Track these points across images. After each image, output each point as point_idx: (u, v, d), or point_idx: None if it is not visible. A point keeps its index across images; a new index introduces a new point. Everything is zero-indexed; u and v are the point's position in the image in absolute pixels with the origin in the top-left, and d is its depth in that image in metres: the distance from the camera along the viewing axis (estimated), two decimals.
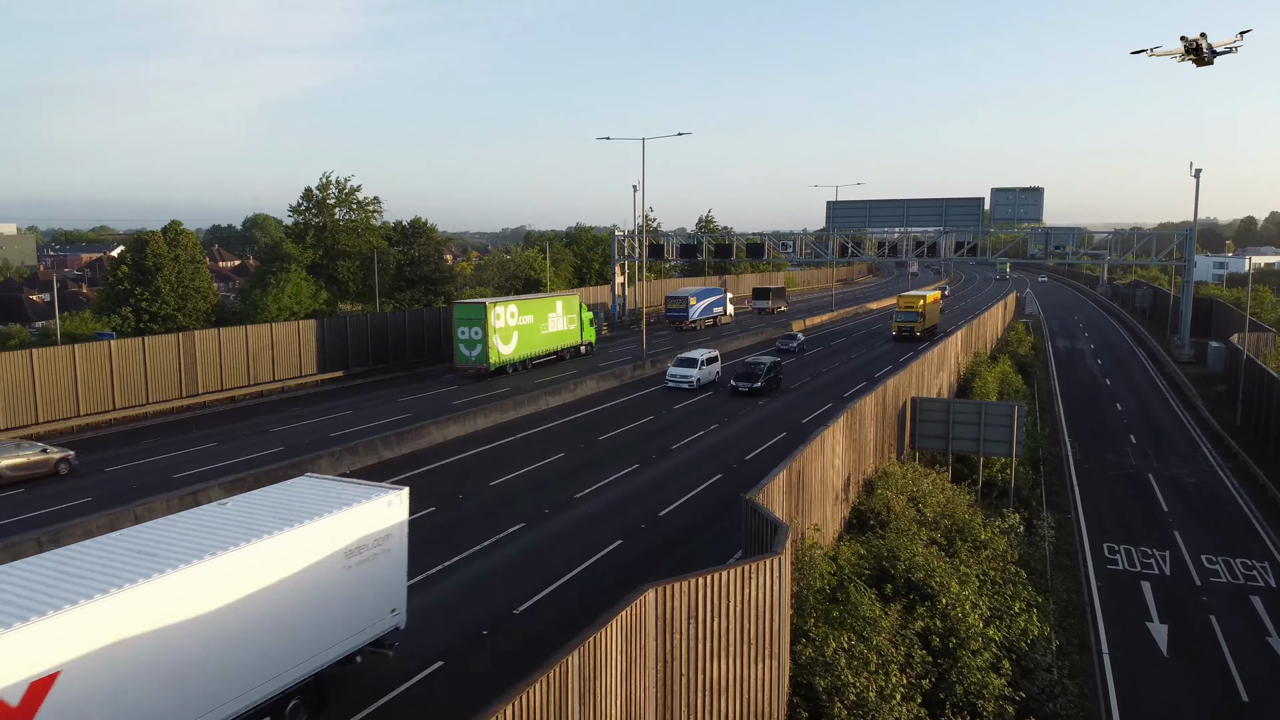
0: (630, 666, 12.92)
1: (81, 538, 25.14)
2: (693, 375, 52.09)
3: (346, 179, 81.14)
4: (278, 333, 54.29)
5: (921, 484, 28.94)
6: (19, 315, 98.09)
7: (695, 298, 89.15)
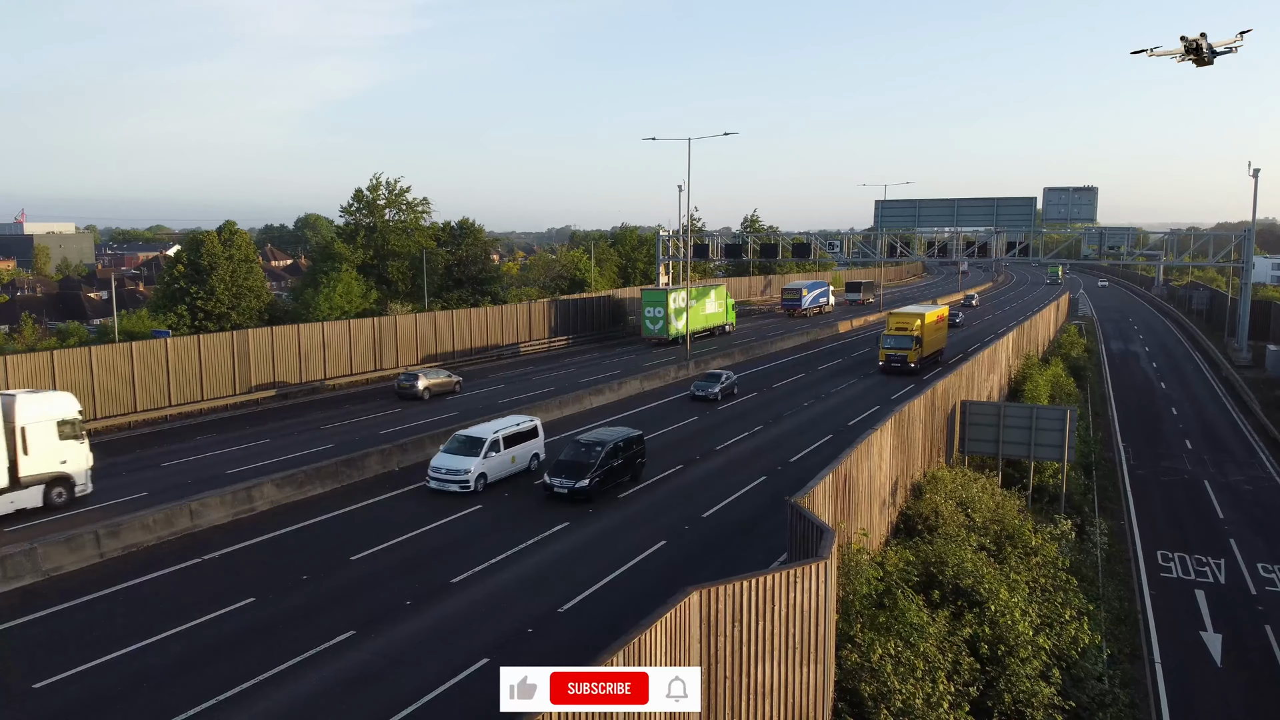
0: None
1: (139, 531, 26.03)
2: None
3: (396, 180, 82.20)
4: (329, 331, 55.16)
5: (971, 489, 28.63)
6: (78, 313, 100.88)
7: (806, 289, 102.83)
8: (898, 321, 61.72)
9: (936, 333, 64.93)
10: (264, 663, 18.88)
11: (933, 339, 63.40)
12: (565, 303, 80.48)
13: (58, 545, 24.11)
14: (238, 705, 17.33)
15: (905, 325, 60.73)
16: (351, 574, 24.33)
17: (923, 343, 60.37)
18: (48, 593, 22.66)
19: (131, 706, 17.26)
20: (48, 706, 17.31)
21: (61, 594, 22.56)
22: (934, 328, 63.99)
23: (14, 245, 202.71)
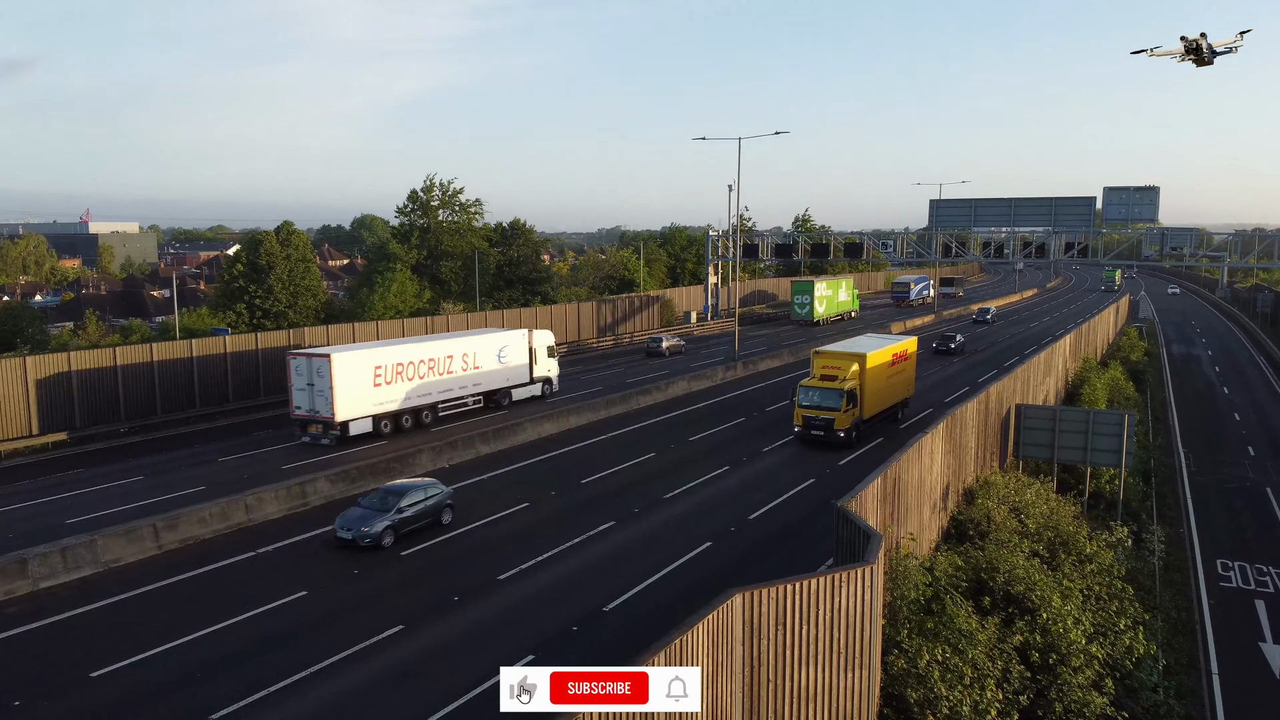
0: (716, 670, 12.96)
1: (196, 525, 26.62)
2: None
3: (450, 181, 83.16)
4: (383, 330, 55.88)
5: (1024, 494, 28.21)
6: (141, 310, 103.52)
7: (913, 283, 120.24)
8: (826, 364, 40.20)
9: (892, 379, 42.83)
10: (315, 655, 19.21)
11: (884, 389, 41.77)
12: (613, 302, 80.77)
13: (117, 537, 24.78)
14: (289, 696, 17.67)
15: (836, 371, 39.53)
16: (400, 569, 24.67)
17: (861, 397, 39.12)
18: (107, 584, 23.29)
19: (186, 696, 17.68)
20: (105, 695, 17.80)
21: (120, 585, 23.18)
22: (885, 373, 41.81)
23: (80, 244, 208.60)
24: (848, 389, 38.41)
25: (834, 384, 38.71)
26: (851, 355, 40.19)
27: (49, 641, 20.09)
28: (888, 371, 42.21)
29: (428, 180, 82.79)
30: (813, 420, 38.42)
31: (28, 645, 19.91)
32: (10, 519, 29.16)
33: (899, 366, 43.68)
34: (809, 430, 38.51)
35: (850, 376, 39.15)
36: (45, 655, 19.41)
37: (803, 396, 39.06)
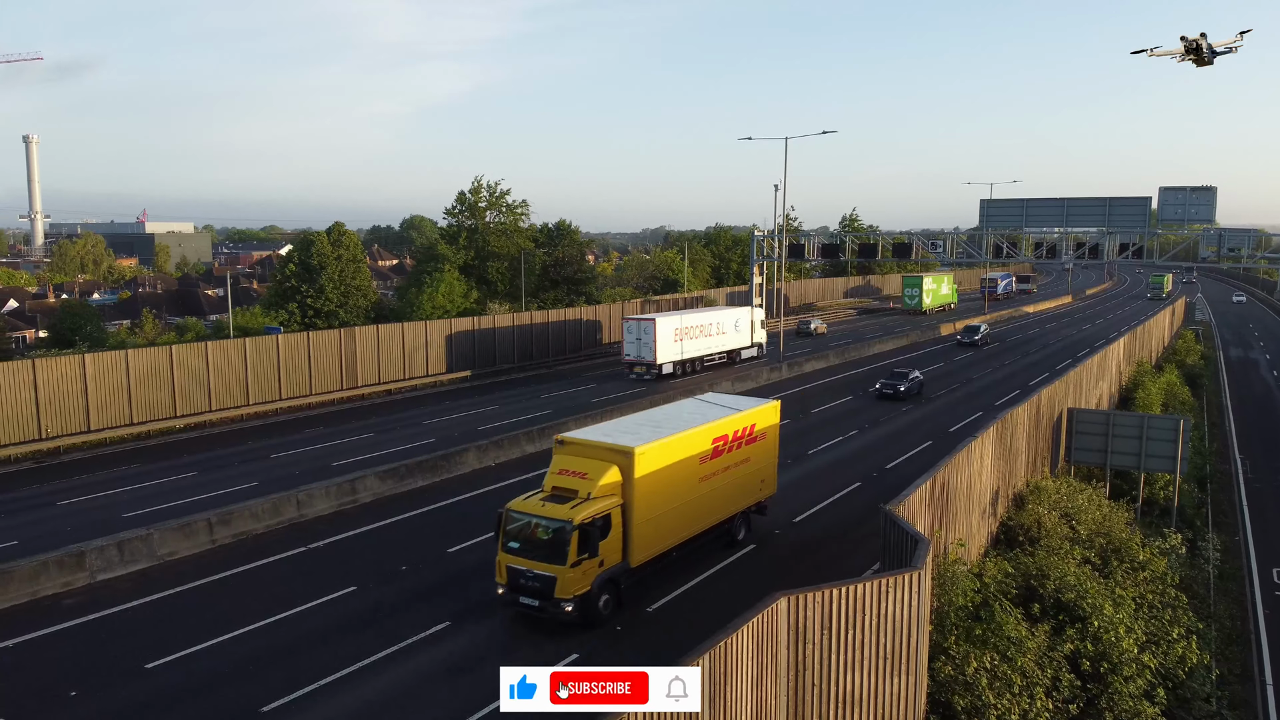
0: (761, 674, 12.93)
1: (249, 520, 27.12)
2: None
3: (497, 183, 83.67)
4: (431, 330, 56.53)
5: (1076, 500, 27.75)
6: (195, 309, 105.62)
7: (999, 279, 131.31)
8: (566, 466, 22.55)
9: (716, 480, 25.19)
10: (364, 650, 19.50)
11: (694, 500, 24.38)
12: (657, 303, 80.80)
13: (173, 531, 25.34)
14: (338, 690, 17.94)
15: (575, 482, 22.04)
16: (449, 566, 24.94)
17: (628, 530, 21.92)
18: (162, 576, 23.83)
19: (237, 689, 18.04)
20: (159, 686, 18.21)
21: (175, 578, 23.71)
22: (695, 473, 24.32)
23: (136, 244, 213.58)
24: (584, 520, 20.59)
25: (560, 510, 20.95)
26: (613, 451, 22.11)
27: (105, 633, 20.62)
28: (704, 470, 24.57)
29: (475, 182, 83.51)
30: (522, 578, 20.87)
31: (85, 636, 20.44)
32: (67, 512, 29.98)
33: (738, 456, 25.98)
34: (516, 596, 21.02)
35: (602, 492, 21.44)
36: (101, 646, 19.92)
37: (507, 540, 21.42)
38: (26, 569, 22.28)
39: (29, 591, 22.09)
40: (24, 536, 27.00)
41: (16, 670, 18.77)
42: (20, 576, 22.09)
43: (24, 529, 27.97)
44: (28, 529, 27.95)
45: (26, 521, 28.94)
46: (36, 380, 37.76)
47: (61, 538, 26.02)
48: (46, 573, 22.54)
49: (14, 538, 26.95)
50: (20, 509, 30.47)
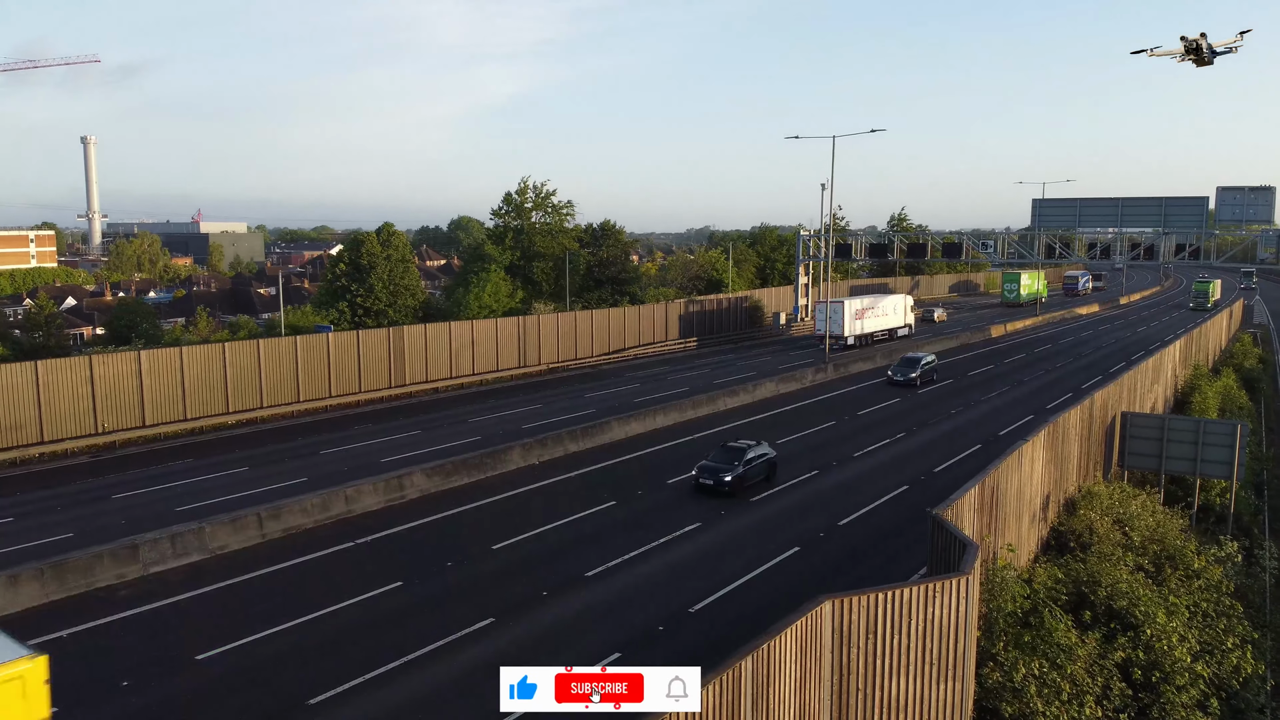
0: (805, 677, 12.83)
1: (298, 515, 27.50)
2: None
3: (543, 183, 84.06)
4: (478, 329, 56.98)
5: (1129, 505, 27.21)
6: (248, 307, 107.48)
7: (1080, 277, 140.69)
8: None
9: None
10: (408, 644, 19.69)
11: None
12: (700, 303, 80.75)
13: (224, 525, 25.79)
14: (383, 684, 18.14)
15: None
16: (493, 563, 25.09)
17: None
18: (213, 569, 24.27)
19: (286, 680, 18.30)
20: (209, 677, 18.55)
21: (226, 571, 24.13)
22: None
23: (191, 243, 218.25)
24: None
25: None
26: None
27: (157, 624, 21.04)
28: None
29: (522, 183, 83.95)
30: None
31: (137, 627, 20.88)
32: (122, 506, 30.66)
33: None
34: None
35: None
36: (154, 637, 20.32)
37: None
38: (82, 560, 22.81)
39: (84, 582, 22.61)
40: (80, 529, 27.69)
41: (72, 659, 19.21)
42: (76, 568, 22.62)
43: (80, 521, 28.68)
44: (84, 521, 28.65)
45: (82, 514, 29.65)
46: (93, 376, 38.68)
47: (116, 530, 26.61)
48: (101, 564, 23.06)
49: (70, 530, 27.64)
50: (76, 502, 31.23)
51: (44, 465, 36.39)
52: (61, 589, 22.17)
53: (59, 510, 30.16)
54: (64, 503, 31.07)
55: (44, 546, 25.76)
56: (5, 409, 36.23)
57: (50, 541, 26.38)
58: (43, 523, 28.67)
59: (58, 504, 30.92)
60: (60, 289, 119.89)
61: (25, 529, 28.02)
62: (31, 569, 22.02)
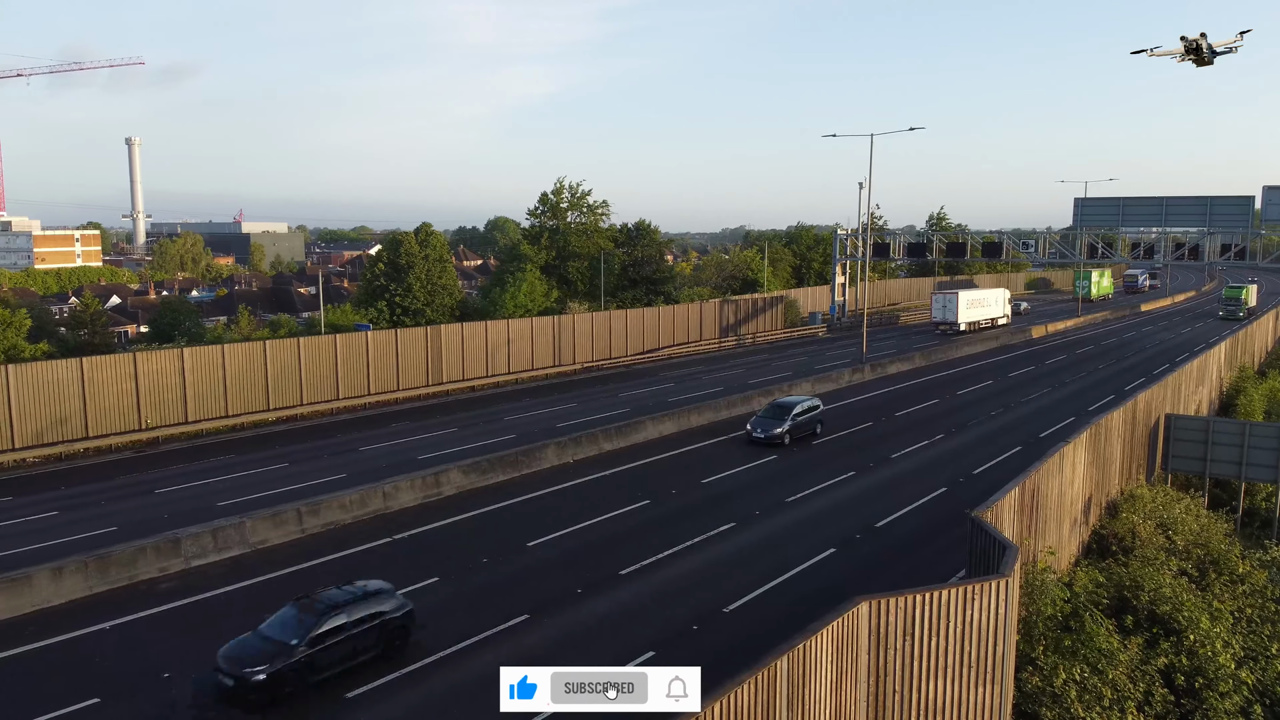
0: (841, 678, 12.74)
1: (337, 511, 27.80)
2: None
3: (578, 184, 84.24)
4: (513, 328, 57.27)
5: (1172, 509, 26.78)
6: (288, 306, 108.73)
7: (1139, 274, 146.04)
8: None
9: None
10: (446, 638, 19.83)
11: None
12: (735, 303, 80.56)
13: (264, 520, 26.12)
14: (423, 678, 18.26)
15: None
16: (528, 559, 25.19)
17: None
18: (254, 563, 24.59)
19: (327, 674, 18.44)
20: None
21: (266, 565, 24.44)
22: None
23: (233, 243, 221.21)
24: None
25: None
26: None
27: (198, 617, 21.33)
28: None
29: (557, 183, 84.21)
30: None
31: (179, 620, 21.19)
32: (164, 500, 31.15)
33: None
34: None
35: None
36: (194, 630, 20.60)
37: None
38: (125, 553, 23.22)
39: (127, 575, 23.00)
40: (123, 522, 28.19)
41: (114, 650, 19.56)
42: (119, 561, 23.01)
43: (123, 515, 29.20)
44: (127, 515, 29.17)
45: (126, 508, 30.19)
46: (137, 373, 39.37)
47: (159, 524, 27.08)
48: (144, 557, 23.45)
49: (114, 523, 28.15)
50: (120, 496, 31.80)
51: (89, 460, 37.10)
52: (104, 582, 22.58)
53: (103, 504, 30.73)
54: (108, 497, 31.65)
55: (88, 540, 26.25)
56: (52, 405, 36.97)
57: (94, 535, 26.91)
58: (87, 516, 29.23)
59: (102, 498, 31.50)
60: (105, 288, 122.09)
61: (70, 522, 28.59)
62: (75, 562, 22.43)
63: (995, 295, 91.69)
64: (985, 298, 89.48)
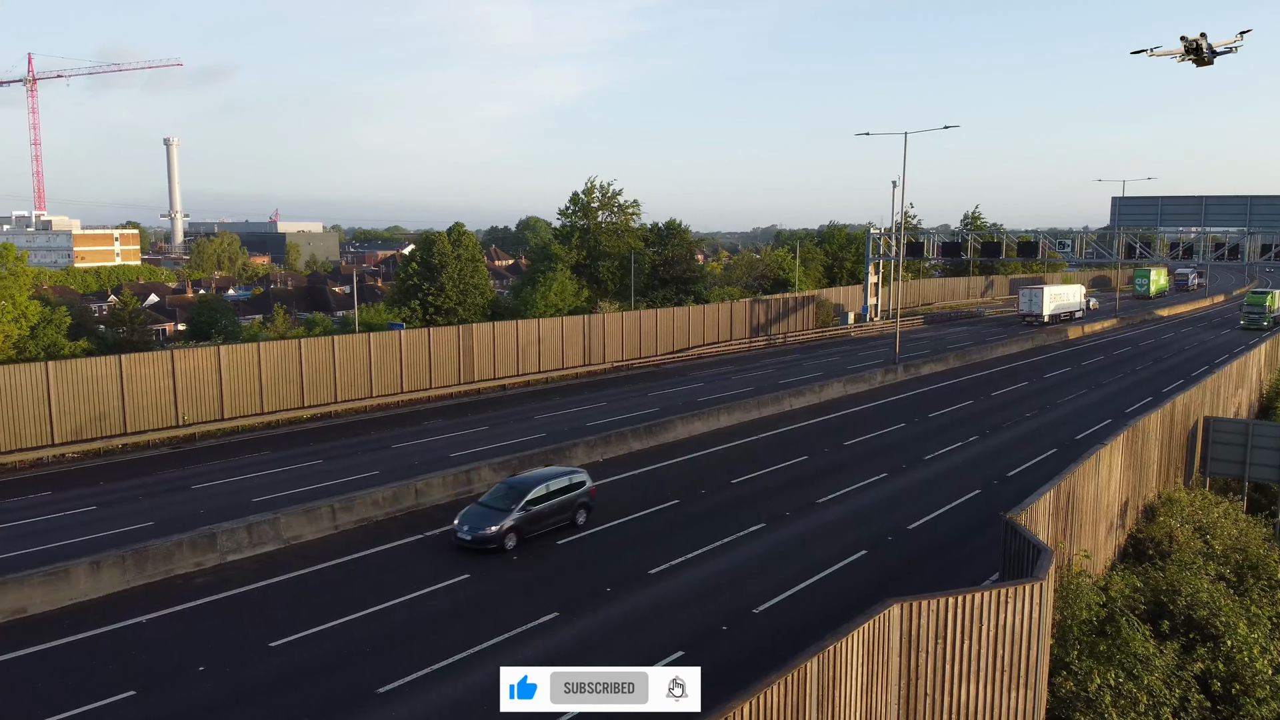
0: (871, 680, 12.65)
1: (369, 507, 28.00)
2: None
3: (609, 183, 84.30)
4: (544, 328, 57.44)
5: (1211, 513, 26.37)
6: (323, 305, 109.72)
7: (1189, 273, 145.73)
8: None
9: None
10: (476, 636, 19.92)
11: None
12: (766, 302, 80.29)
13: (298, 516, 26.38)
14: (451, 674, 18.36)
15: None
16: (559, 557, 25.26)
17: None
18: (287, 559, 24.84)
19: (355, 669, 18.64)
20: (281, 664, 18.97)
21: (300, 560, 24.68)
22: None
23: (269, 242, 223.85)
24: None
25: None
26: None
27: (233, 611, 21.59)
28: None
29: (588, 182, 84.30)
30: None
31: (214, 614, 21.45)
32: (200, 496, 31.55)
33: None
34: None
35: None
36: (229, 624, 20.86)
37: None
38: (162, 548, 23.54)
39: (163, 570, 23.32)
40: (160, 517, 28.60)
41: (150, 644, 19.84)
42: (156, 555, 23.34)
43: (160, 510, 29.61)
44: (164, 510, 29.58)
45: (163, 503, 30.62)
46: (175, 370, 39.91)
47: (195, 520, 27.43)
48: (180, 552, 23.77)
49: (150, 519, 28.57)
50: (158, 491, 32.26)
51: (127, 456, 37.68)
52: (141, 576, 22.91)
53: (140, 499, 31.19)
54: (145, 492, 32.12)
55: (125, 534, 26.70)
56: (91, 401, 37.58)
57: (131, 530, 27.33)
58: (124, 511, 29.69)
59: (139, 493, 31.97)
60: (143, 286, 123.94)
61: (108, 517, 29.05)
62: (113, 556, 22.78)
63: (1074, 290, 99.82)
64: (1065, 293, 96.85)
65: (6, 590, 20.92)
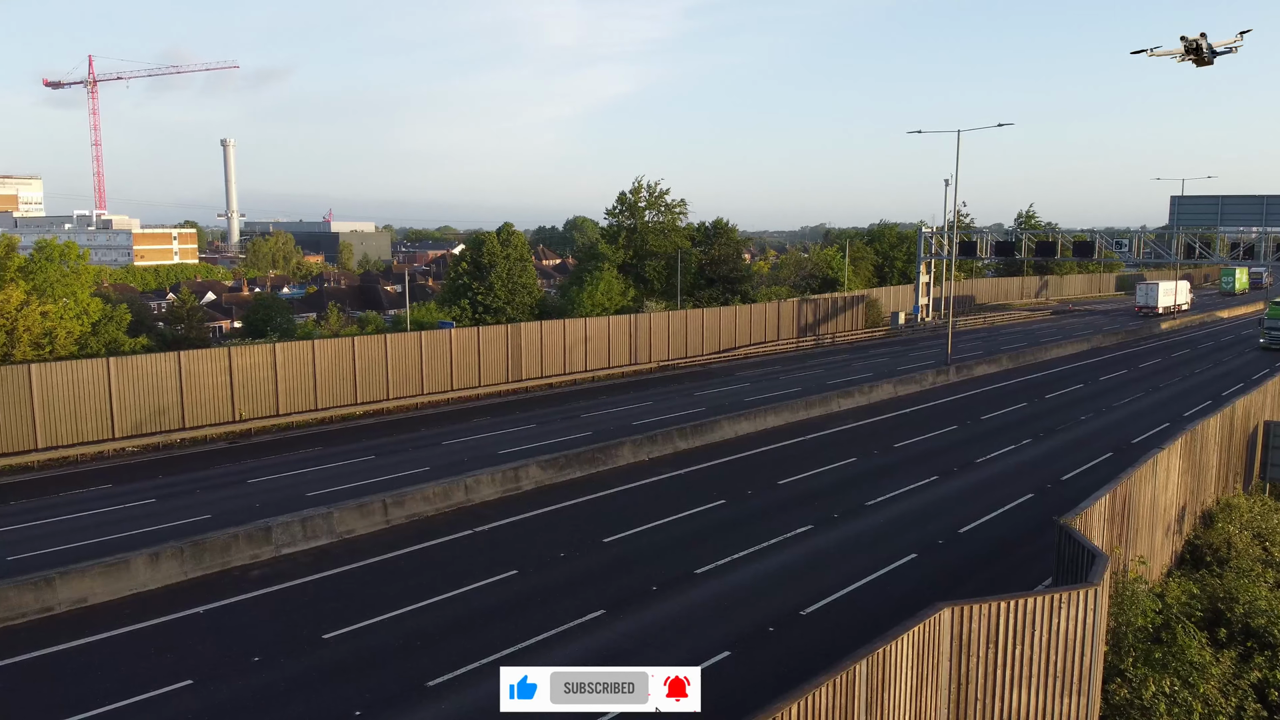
0: (921, 684, 12.56)
1: (420, 503, 28.38)
2: None
3: (656, 183, 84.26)
4: (590, 327, 57.72)
5: (1270, 520, 25.80)
6: (375, 304, 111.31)
7: (1264, 272, 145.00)
8: None
9: None
10: (523, 632, 20.07)
11: None
12: (815, 302, 79.82)
13: (351, 511, 26.81)
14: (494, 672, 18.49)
15: None
16: (604, 555, 25.37)
17: None
18: (340, 553, 25.25)
19: (405, 662, 18.91)
20: (335, 656, 19.29)
21: (352, 554, 25.08)
22: None
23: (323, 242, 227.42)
24: None
25: None
26: None
27: (287, 604, 22.01)
28: None
29: (636, 182, 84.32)
30: None
31: (268, 606, 21.88)
32: (256, 490, 32.20)
33: None
34: None
35: None
36: (284, 616, 21.27)
37: None
38: (219, 541, 24.07)
39: (220, 562, 23.84)
40: (217, 511, 29.24)
41: (207, 634, 20.30)
42: (213, 547, 23.87)
43: (217, 504, 30.28)
44: (221, 504, 30.24)
45: (220, 497, 31.31)
46: (231, 367, 40.76)
47: (251, 513, 27.98)
48: (236, 545, 24.28)
49: (208, 511, 29.22)
50: (215, 485, 32.99)
51: (185, 450, 38.56)
52: (199, 567, 23.44)
53: (198, 493, 31.92)
54: (203, 486, 32.86)
55: (184, 527, 27.30)
56: (150, 397, 38.53)
57: (190, 522, 27.96)
58: (183, 504, 30.40)
59: (197, 487, 32.72)
60: (201, 284, 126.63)
61: (167, 510, 29.77)
62: (172, 548, 23.34)
63: (1182, 286, 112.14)
64: (1174, 288, 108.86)
65: (69, 580, 21.52)
